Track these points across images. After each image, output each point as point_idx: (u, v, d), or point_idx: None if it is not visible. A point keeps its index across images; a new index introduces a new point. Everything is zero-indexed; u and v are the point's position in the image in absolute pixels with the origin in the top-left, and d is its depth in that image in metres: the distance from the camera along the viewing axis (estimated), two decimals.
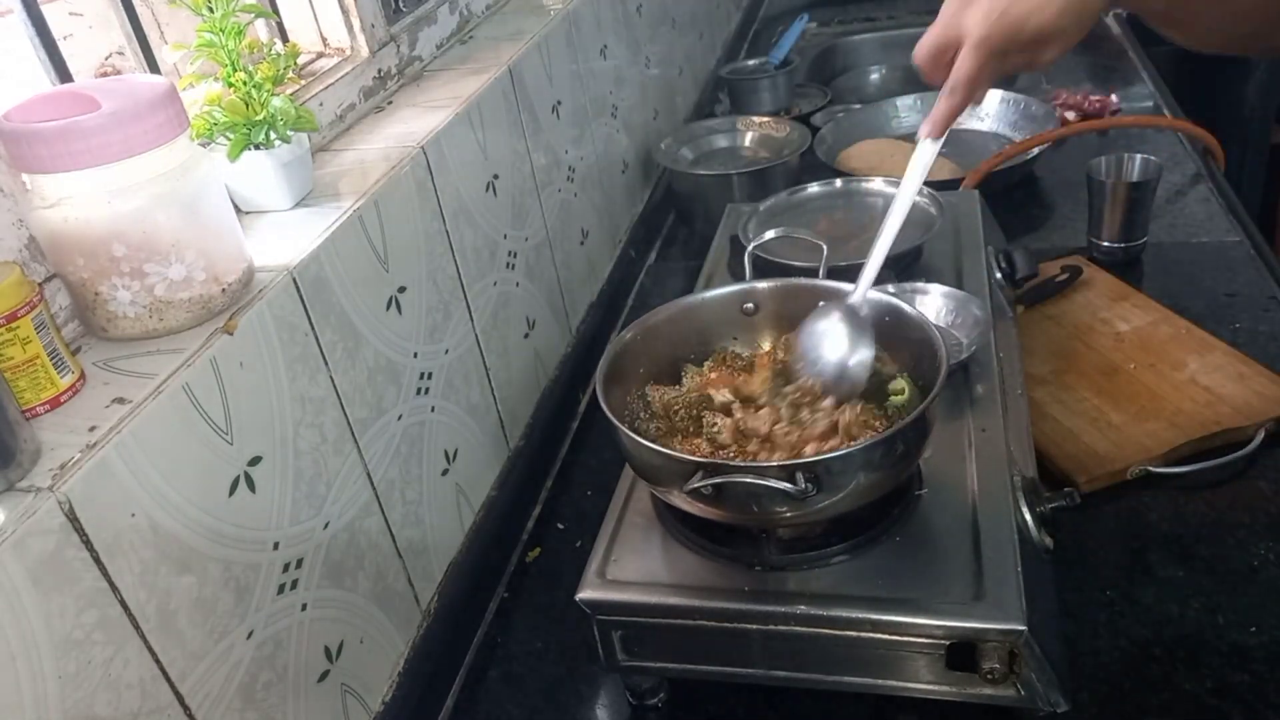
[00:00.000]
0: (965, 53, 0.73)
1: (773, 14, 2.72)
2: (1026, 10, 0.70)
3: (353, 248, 0.86)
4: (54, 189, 0.66)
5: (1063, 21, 0.71)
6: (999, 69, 0.74)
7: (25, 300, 0.62)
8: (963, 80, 0.74)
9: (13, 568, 0.54)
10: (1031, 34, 0.71)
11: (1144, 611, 0.89)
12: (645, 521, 0.89)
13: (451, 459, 1.02)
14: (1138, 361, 1.15)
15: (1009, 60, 0.73)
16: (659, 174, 1.76)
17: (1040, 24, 0.71)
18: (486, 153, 1.11)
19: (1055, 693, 0.75)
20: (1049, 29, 0.71)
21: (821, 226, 1.26)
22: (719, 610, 0.80)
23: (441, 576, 0.99)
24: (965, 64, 0.73)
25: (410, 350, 0.94)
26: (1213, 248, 1.38)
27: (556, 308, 1.31)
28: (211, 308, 0.72)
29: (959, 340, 1.04)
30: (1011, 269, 1.21)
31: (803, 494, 0.72)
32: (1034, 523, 0.83)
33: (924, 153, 0.80)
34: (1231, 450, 1.02)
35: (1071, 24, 0.71)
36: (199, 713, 0.67)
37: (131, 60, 0.88)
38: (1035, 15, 0.70)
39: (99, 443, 0.60)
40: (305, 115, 0.88)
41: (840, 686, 0.81)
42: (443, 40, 1.26)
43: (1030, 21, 0.70)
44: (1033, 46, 0.72)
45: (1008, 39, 0.71)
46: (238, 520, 0.71)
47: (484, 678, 0.97)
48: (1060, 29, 0.71)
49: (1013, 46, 0.72)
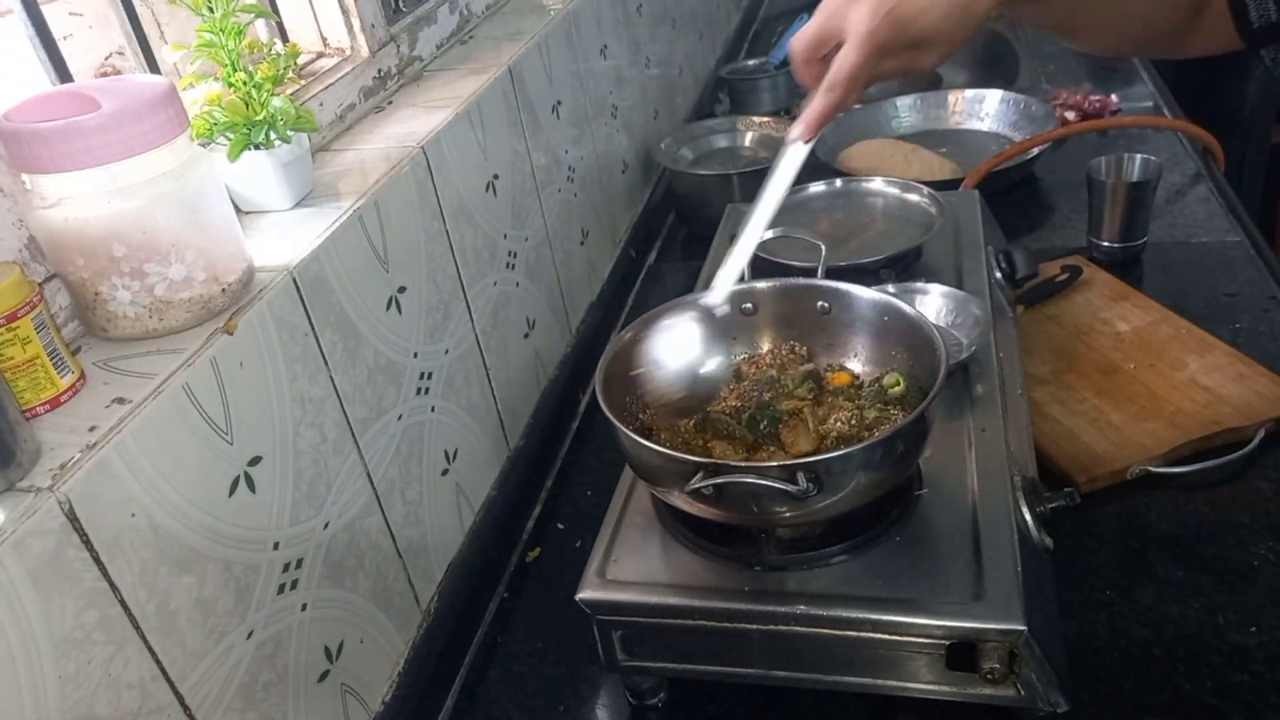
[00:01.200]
0: (847, 48, 0.72)
1: (773, 14, 2.72)
2: (914, 10, 0.70)
3: (353, 248, 0.86)
4: (54, 189, 0.66)
5: (947, 26, 0.71)
6: (878, 69, 0.73)
7: (25, 300, 0.62)
8: (843, 76, 0.73)
9: (13, 568, 0.54)
10: (916, 35, 0.71)
11: (1144, 611, 0.89)
12: (645, 521, 0.89)
13: (451, 459, 1.02)
14: (1138, 361, 1.15)
15: (889, 61, 0.73)
16: (659, 174, 1.76)
17: (926, 26, 0.71)
18: (486, 153, 1.11)
19: (1055, 693, 0.75)
20: (933, 32, 0.71)
21: (821, 226, 1.26)
22: (719, 610, 0.80)
23: (441, 576, 0.99)
24: (847, 60, 0.72)
25: (410, 350, 0.94)
26: (1213, 248, 1.38)
27: (556, 308, 1.31)
28: (211, 308, 0.72)
29: (959, 340, 1.04)
30: (1011, 269, 1.21)
31: (804, 494, 0.72)
32: (1034, 523, 0.83)
33: (794, 155, 0.79)
34: (1231, 450, 1.02)
35: (956, 29, 0.72)
36: (199, 713, 0.67)
37: (131, 60, 0.88)
38: (921, 17, 0.70)
39: (99, 443, 0.60)
40: (305, 115, 0.88)
41: (840, 686, 0.81)
42: (443, 40, 1.26)
43: (916, 22, 0.71)
44: (914, 48, 0.72)
45: (892, 37, 0.71)
46: (238, 520, 0.71)
47: (484, 678, 0.97)
48: (944, 33, 0.72)
49: (896, 46, 0.72)
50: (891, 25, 0.71)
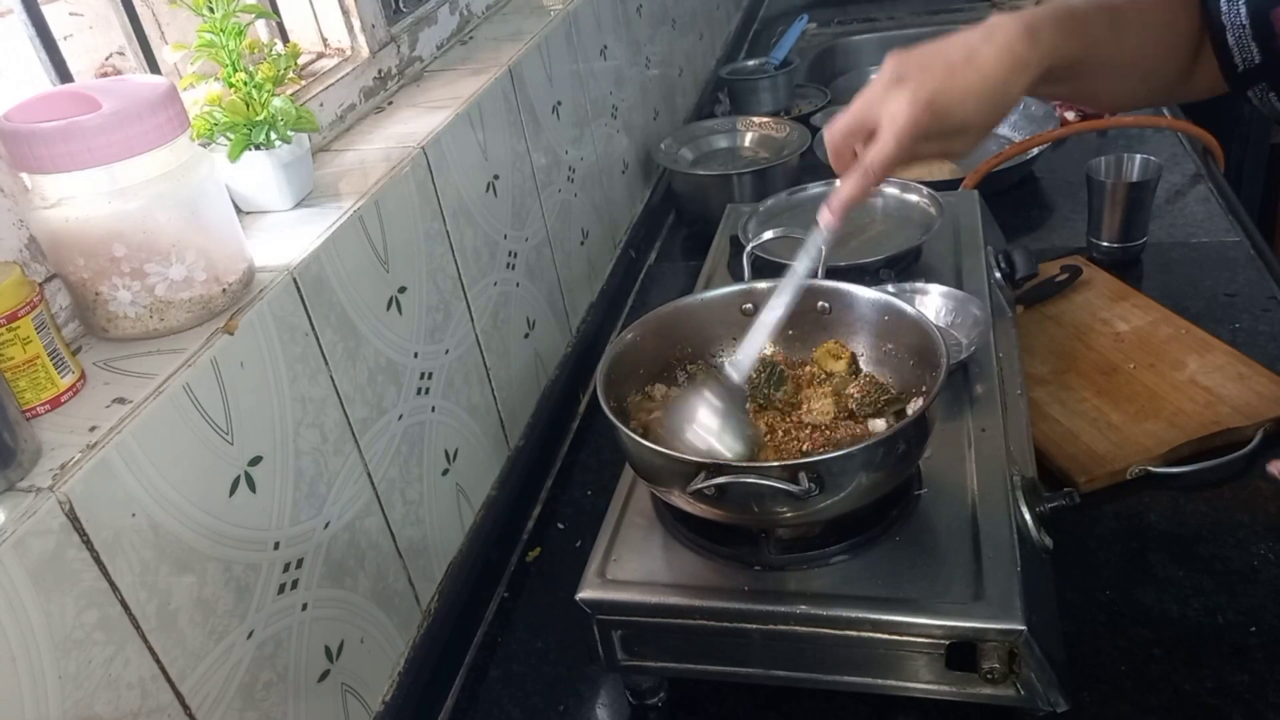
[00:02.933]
0: (885, 138, 0.72)
1: (773, 14, 2.72)
2: (950, 101, 0.71)
3: (353, 248, 0.86)
4: (54, 189, 0.66)
5: (983, 115, 0.72)
6: (913, 155, 0.74)
7: (25, 300, 0.62)
8: (879, 164, 0.73)
9: (13, 568, 0.54)
10: (953, 126, 0.72)
11: (1144, 611, 0.89)
12: (645, 521, 0.89)
13: (452, 459, 1.02)
14: (1137, 361, 1.15)
15: (924, 147, 0.73)
16: (659, 174, 1.76)
17: (963, 116, 0.72)
18: (487, 153, 1.11)
19: (1055, 693, 0.75)
20: (970, 121, 0.72)
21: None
22: (719, 610, 0.80)
23: (442, 576, 0.99)
24: (885, 148, 0.72)
25: (410, 350, 0.94)
26: (1212, 248, 1.38)
27: (556, 308, 1.31)
28: (212, 308, 0.72)
29: (959, 340, 1.04)
30: (1011, 269, 1.21)
31: (805, 494, 0.72)
32: (1034, 523, 0.83)
33: (819, 239, 0.79)
34: (1231, 450, 1.02)
35: (990, 116, 0.73)
36: (199, 713, 0.67)
37: (132, 60, 0.89)
38: (959, 108, 0.71)
39: (99, 443, 0.60)
40: (305, 115, 0.88)
41: (840, 686, 0.81)
42: (443, 40, 1.26)
43: (954, 113, 0.71)
44: (950, 136, 0.73)
45: (930, 128, 0.72)
46: (238, 520, 0.71)
47: (484, 678, 0.98)
48: (980, 121, 0.73)
49: (932, 135, 0.72)
50: (930, 117, 0.71)
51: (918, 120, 0.71)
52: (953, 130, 0.72)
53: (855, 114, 0.74)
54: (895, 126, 0.71)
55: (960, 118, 0.71)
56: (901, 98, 0.71)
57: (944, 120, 0.71)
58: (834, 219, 0.77)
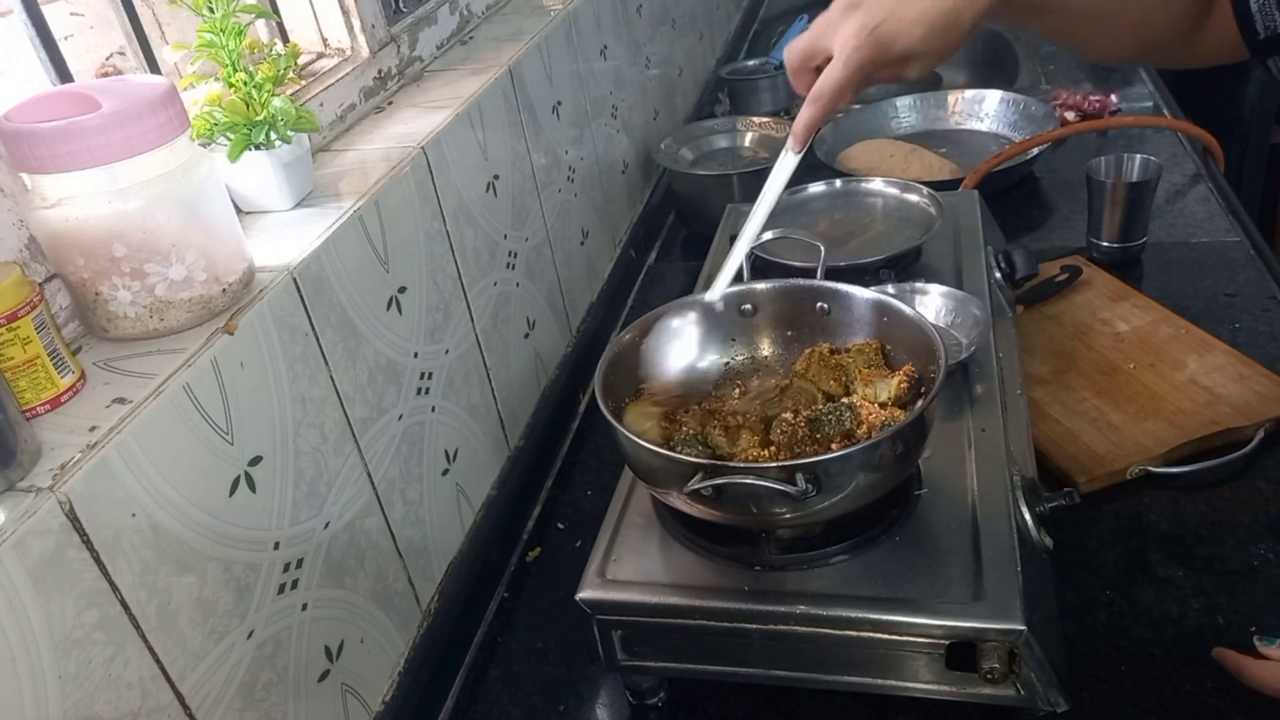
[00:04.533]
0: (832, 65, 0.75)
1: (773, 14, 2.72)
2: (895, 31, 0.73)
3: (353, 248, 0.86)
4: (54, 189, 0.66)
5: (930, 42, 0.73)
6: (864, 81, 0.76)
7: (26, 300, 0.62)
8: (828, 89, 0.76)
9: (13, 568, 0.54)
10: (899, 52, 0.74)
11: (1144, 611, 0.89)
12: (645, 521, 0.89)
13: (452, 459, 1.02)
14: (1137, 361, 1.15)
15: (876, 73, 0.76)
16: (659, 174, 1.76)
17: (908, 44, 0.73)
18: (487, 153, 1.11)
19: (1055, 693, 0.75)
20: (916, 48, 0.74)
21: (821, 227, 1.26)
22: (719, 610, 0.80)
23: (441, 576, 0.99)
24: (831, 76, 0.75)
25: (410, 350, 0.94)
26: (1212, 248, 1.38)
27: (556, 308, 1.31)
28: (212, 308, 0.72)
29: (959, 340, 1.04)
30: (1011, 269, 1.21)
31: (803, 495, 0.72)
32: (1034, 523, 0.83)
33: (786, 164, 0.83)
34: (1231, 450, 1.02)
35: (939, 44, 0.74)
36: (199, 713, 0.67)
37: (132, 60, 0.89)
38: (903, 36, 0.73)
39: (99, 443, 0.60)
40: (305, 115, 0.88)
41: (840, 686, 0.81)
42: (443, 40, 1.26)
43: (898, 42, 0.73)
44: (899, 63, 0.75)
45: (876, 55, 0.74)
46: (238, 520, 0.71)
47: (484, 678, 0.98)
48: (928, 49, 0.74)
49: (880, 62, 0.75)
50: (874, 44, 0.73)
51: (864, 47, 0.73)
52: (898, 58, 0.74)
53: (809, 39, 0.78)
54: (844, 53, 0.74)
55: (904, 46, 0.73)
56: (851, 25, 0.74)
57: (888, 49, 0.74)
58: (797, 143, 0.82)
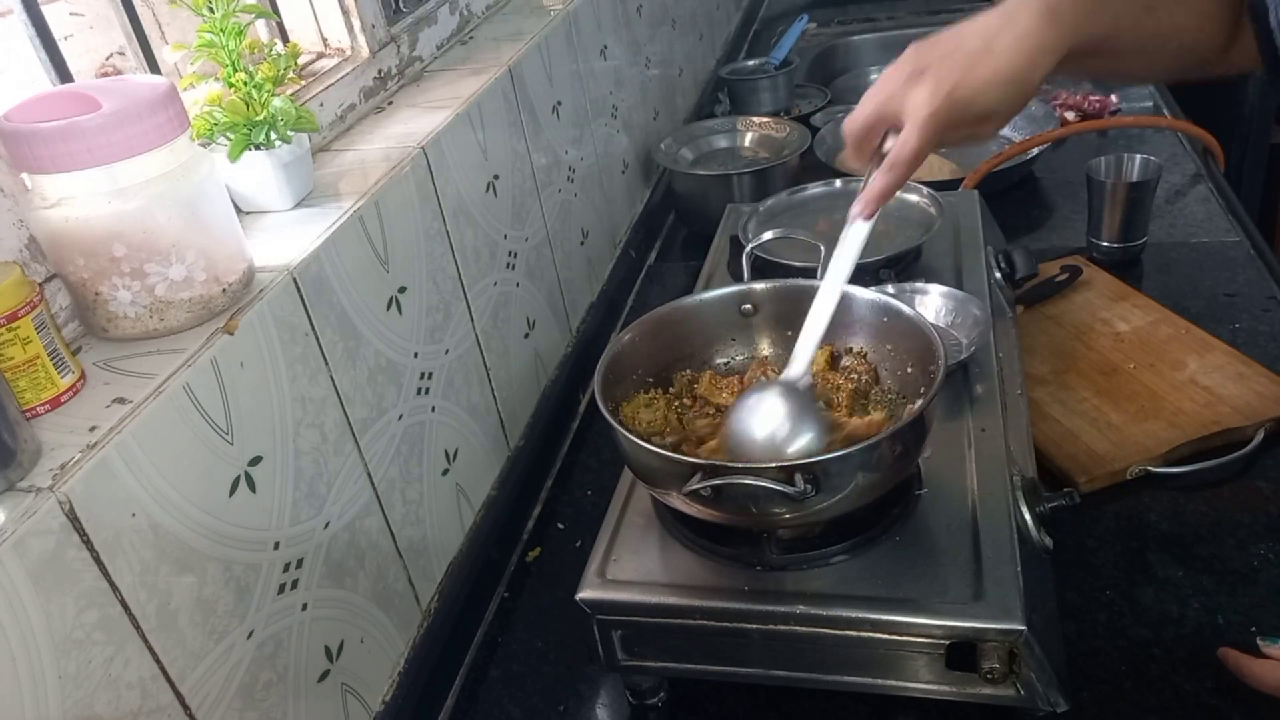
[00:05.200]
0: (909, 131, 0.73)
1: (773, 14, 2.72)
2: (972, 91, 0.71)
3: (353, 248, 0.86)
4: (54, 189, 0.66)
5: (1006, 102, 0.72)
6: (940, 144, 0.74)
7: (25, 300, 0.62)
8: (906, 157, 0.73)
9: (13, 568, 0.54)
10: (975, 114, 0.72)
11: (1144, 611, 0.89)
12: (645, 521, 0.89)
13: (452, 459, 1.02)
14: (1137, 361, 1.15)
15: (950, 135, 0.74)
16: (659, 174, 1.76)
17: (986, 103, 0.72)
18: (487, 153, 1.11)
19: (1055, 692, 0.75)
20: (992, 109, 0.72)
21: (821, 227, 1.26)
22: (719, 610, 0.80)
23: (441, 576, 0.99)
24: (911, 141, 0.73)
25: (410, 350, 0.94)
26: (1212, 248, 1.38)
27: (556, 308, 1.31)
28: (212, 308, 0.72)
29: (958, 340, 1.04)
30: (1011, 269, 1.21)
31: (801, 495, 0.72)
32: (1034, 523, 0.83)
33: (857, 234, 0.79)
34: (1231, 450, 1.02)
35: (1014, 101, 0.73)
36: (199, 713, 0.67)
37: (132, 60, 0.89)
38: (981, 96, 0.71)
39: (99, 443, 0.60)
40: (305, 115, 0.88)
41: (840, 686, 0.81)
42: (443, 40, 1.26)
43: (976, 102, 0.72)
44: (975, 123, 0.73)
45: (953, 118, 0.72)
46: (238, 520, 0.71)
47: (484, 678, 0.98)
48: (1004, 107, 0.73)
49: (956, 124, 0.73)
50: (952, 106, 0.71)
51: (941, 112, 0.71)
52: (976, 118, 0.73)
53: (876, 107, 0.75)
54: (919, 119, 0.72)
55: (983, 106, 0.72)
56: (924, 90, 0.71)
57: (967, 110, 0.72)
58: (866, 214, 0.78)
